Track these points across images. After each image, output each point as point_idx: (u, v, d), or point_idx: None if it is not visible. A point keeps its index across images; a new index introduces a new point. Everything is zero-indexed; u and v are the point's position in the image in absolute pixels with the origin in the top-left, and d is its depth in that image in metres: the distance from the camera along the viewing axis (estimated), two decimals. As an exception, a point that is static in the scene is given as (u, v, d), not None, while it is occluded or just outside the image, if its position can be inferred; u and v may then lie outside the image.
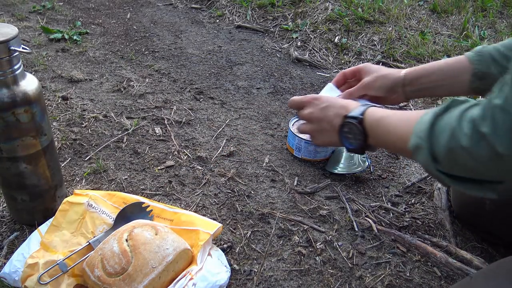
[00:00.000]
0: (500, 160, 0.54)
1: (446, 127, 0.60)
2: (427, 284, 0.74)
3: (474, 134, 0.56)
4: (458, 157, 0.59)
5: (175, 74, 1.41)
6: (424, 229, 0.86)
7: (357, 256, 0.79)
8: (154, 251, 0.64)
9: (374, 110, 0.76)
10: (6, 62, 0.64)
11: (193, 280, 0.64)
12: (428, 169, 0.64)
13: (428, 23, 1.74)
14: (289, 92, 1.34)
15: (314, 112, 0.83)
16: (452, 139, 0.59)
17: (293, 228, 0.84)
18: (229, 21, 1.86)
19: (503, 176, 0.58)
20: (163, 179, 0.94)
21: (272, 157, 1.04)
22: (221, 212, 0.87)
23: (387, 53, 1.55)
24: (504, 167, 0.55)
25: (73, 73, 1.35)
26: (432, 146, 0.62)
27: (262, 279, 0.73)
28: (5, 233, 0.79)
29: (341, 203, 0.91)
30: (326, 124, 0.81)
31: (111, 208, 0.77)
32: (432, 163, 0.63)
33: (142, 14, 1.92)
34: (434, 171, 0.63)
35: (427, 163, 0.63)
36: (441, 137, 0.61)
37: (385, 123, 0.74)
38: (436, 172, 0.63)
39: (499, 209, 0.78)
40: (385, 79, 0.90)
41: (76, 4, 1.99)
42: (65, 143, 1.03)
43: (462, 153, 0.58)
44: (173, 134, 1.10)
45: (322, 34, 1.66)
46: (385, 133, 0.74)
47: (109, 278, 0.63)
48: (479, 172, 0.59)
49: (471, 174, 0.61)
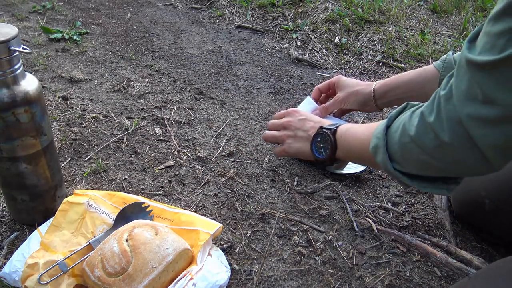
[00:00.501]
0: (444, 148, 0.56)
1: (400, 124, 0.63)
2: (427, 284, 0.74)
3: (421, 124, 0.58)
4: (409, 151, 0.61)
5: (175, 74, 1.41)
6: (424, 229, 0.86)
7: (357, 256, 0.79)
8: (154, 251, 0.64)
9: (345, 124, 0.85)
10: (6, 62, 0.64)
11: (193, 280, 0.64)
12: (387, 169, 0.66)
13: (428, 23, 1.74)
14: (289, 92, 1.34)
15: (292, 121, 0.93)
16: (403, 133, 0.62)
17: (293, 228, 0.84)
18: (229, 21, 1.86)
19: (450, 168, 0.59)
20: (163, 179, 0.94)
21: (272, 157, 1.04)
22: (221, 212, 0.87)
23: (387, 53, 1.55)
24: (448, 157, 0.56)
25: (73, 73, 1.35)
26: (387, 144, 0.65)
27: (262, 279, 0.73)
28: (5, 233, 0.79)
29: (341, 203, 0.91)
30: (302, 132, 0.91)
31: (111, 208, 0.77)
32: (389, 162, 0.65)
33: (142, 14, 1.92)
34: (392, 170, 0.65)
35: (385, 162, 0.65)
36: (395, 134, 0.64)
37: (351, 131, 0.81)
38: (394, 172, 0.65)
39: (499, 209, 0.78)
40: (358, 95, 0.98)
41: (76, 4, 1.99)
42: (65, 143, 1.03)
43: (412, 146, 0.60)
44: (173, 134, 1.10)
45: (322, 34, 1.66)
46: (352, 140, 0.80)
47: (109, 278, 0.63)
48: (430, 166, 0.60)
49: (423, 170, 0.63)
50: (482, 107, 0.50)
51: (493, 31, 0.47)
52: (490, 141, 0.51)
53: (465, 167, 0.57)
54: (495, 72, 0.48)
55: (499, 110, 0.49)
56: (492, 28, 0.48)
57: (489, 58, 0.48)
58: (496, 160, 0.53)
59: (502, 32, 0.46)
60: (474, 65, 0.50)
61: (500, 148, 0.51)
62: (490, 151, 0.52)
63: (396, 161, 0.64)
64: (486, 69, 0.49)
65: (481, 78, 0.50)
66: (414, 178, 0.64)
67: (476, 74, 0.50)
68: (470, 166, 0.55)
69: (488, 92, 0.49)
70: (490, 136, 0.51)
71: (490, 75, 0.49)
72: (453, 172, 0.60)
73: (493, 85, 0.48)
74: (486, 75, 0.49)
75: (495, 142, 0.51)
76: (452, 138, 0.54)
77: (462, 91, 0.52)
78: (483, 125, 0.51)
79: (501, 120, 0.49)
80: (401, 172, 0.65)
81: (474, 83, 0.50)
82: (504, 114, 0.49)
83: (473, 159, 0.54)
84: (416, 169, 0.63)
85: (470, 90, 0.51)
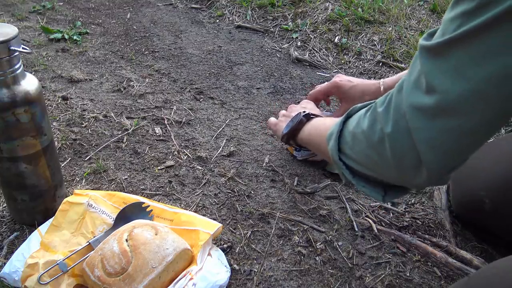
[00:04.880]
0: (386, 142, 0.52)
1: (359, 114, 0.60)
2: (427, 284, 0.74)
3: (371, 114, 0.56)
4: (358, 143, 0.58)
5: (175, 74, 1.41)
6: (424, 229, 0.86)
7: (357, 256, 0.79)
8: (154, 251, 0.64)
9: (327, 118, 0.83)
10: (6, 62, 0.64)
11: (193, 280, 0.64)
12: (333, 158, 0.63)
13: (428, 23, 1.74)
14: (289, 92, 1.34)
15: (296, 106, 0.95)
16: (358, 123, 0.58)
17: (293, 228, 0.84)
18: (229, 21, 1.86)
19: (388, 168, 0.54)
20: (163, 179, 0.94)
21: (272, 157, 1.04)
22: (221, 212, 0.87)
23: (387, 53, 1.55)
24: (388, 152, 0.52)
25: (73, 73, 1.35)
26: (341, 132, 0.62)
27: (262, 279, 0.73)
28: (5, 233, 0.79)
29: (341, 203, 0.91)
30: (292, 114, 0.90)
31: (111, 208, 0.77)
32: (337, 150, 0.62)
33: (142, 14, 1.92)
34: (337, 159, 0.62)
35: (333, 149, 0.62)
36: (351, 123, 0.61)
37: (323, 119, 0.81)
38: (338, 161, 0.62)
39: (499, 209, 0.78)
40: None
41: (76, 4, 1.99)
42: (65, 143, 1.03)
43: (361, 137, 0.57)
44: (173, 134, 1.10)
45: (322, 34, 1.66)
46: (318, 125, 0.79)
47: (109, 278, 0.63)
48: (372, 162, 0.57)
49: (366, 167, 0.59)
50: (424, 97, 0.47)
51: (447, 18, 0.45)
52: (425, 136, 0.47)
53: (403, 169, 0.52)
54: (439, 56, 0.45)
55: (438, 99, 0.45)
56: (447, 16, 0.46)
57: (433, 42, 0.46)
58: (431, 164, 0.49)
59: (454, 18, 0.44)
60: (423, 50, 0.48)
61: (436, 148, 0.48)
62: (425, 149, 0.48)
63: (344, 151, 0.61)
64: (432, 53, 0.46)
65: (426, 63, 0.47)
66: (355, 174, 0.61)
67: (423, 61, 0.48)
68: (407, 166, 0.51)
69: (430, 79, 0.46)
70: (425, 130, 0.47)
71: (435, 59, 0.46)
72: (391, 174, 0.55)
73: (436, 70, 0.46)
74: (431, 60, 0.47)
75: (429, 136, 0.47)
76: (393, 130, 0.50)
77: (411, 80, 0.49)
78: (422, 117, 0.47)
79: (437, 112, 0.46)
80: (346, 165, 0.61)
81: (422, 71, 0.48)
82: (441, 104, 0.45)
83: (410, 158, 0.50)
84: (360, 165, 0.59)
85: (418, 79, 0.48)
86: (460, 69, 0.44)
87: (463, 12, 0.43)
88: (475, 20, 0.41)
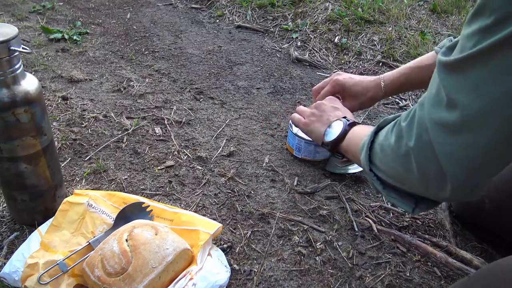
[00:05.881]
0: (410, 156, 0.53)
1: (388, 127, 0.62)
2: (427, 284, 0.74)
3: (397, 131, 0.57)
4: (387, 155, 0.59)
5: (175, 74, 1.41)
6: (424, 229, 0.86)
7: (357, 256, 0.79)
8: (154, 251, 0.64)
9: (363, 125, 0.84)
10: (6, 62, 0.64)
11: (193, 280, 0.64)
12: (364, 168, 0.65)
13: (428, 23, 1.74)
14: (289, 92, 1.34)
15: (326, 105, 0.93)
16: (386, 135, 0.60)
17: (293, 228, 0.84)
18: (229, 21, 1.86)
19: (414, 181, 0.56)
20: (163, 179, 0.94)
21: (272, 157, 1.04)
22: (221, 212, 0.87)
23: (387, 53, 1.55)
24: (413, 166, 0.54)
25: (73, 73, 1.35)
26: (372, 143, 0.64)
27: (262, 279, 0.73)
28: (5, 233, 0.79)
29: (341, 203, 0.91)
30: (326, 118, 0.90)
31: (111, 208, 0.77)
32: (368, 161, 0.64)
33: (142, 14, 1.92)
34: (368, 169, 0.64)
35: (364, 160, 0.65)
36: (381, 135, 0.63)
37: (361, 127, 0.81)
38: (369, 172, 0.64)
39: (499, 209, 0.78)
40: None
41: (76, 4, 1.99)
42: (65, 143, 1.03)
43: (389, 150, 0.58)
44: (173, 134, 1.10)
45: (322, 34, 1.66)
46: (356, 133, 0.80)
47: (109, 278, 0.63)
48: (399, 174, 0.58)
49: (394, 178, 0.61)
50: (445, 112, 0.48)
51: (465, 34, 0.46)
52: (446, 150, 0.48)
53: (428, 182, 0.53)
54: (459, 73, 0.46)
55: (458, 115, 0.46)
56: (465, 31, 0.46)
57: (451, 58, 0.47)
58: (454, 177, 0.49)
59: (471, 34, 0.45)
60: (442, 66, 0.49)
61: (457, 162, 0.48)
62: (447, 162, 0.49)
63: (374, 163, 0.63)
64: (451, 69, 0.48)
65: (446, 79, 0.48)
66: (386, 185, 0.63)
67: (443, 76, 0.49)
68: (432, 180, 0.52)
69: (450, 94, 0.47)
70: (446, 145, 0.48)
71: (454, 75, 0.47)
72: (418, 187, 0.57)
73: (455, 86, 0.47)
74: (450, 76, 0.48)
75: (451, 151, 0.48)
76: (416, 144, 0.52)
77: (432, 95, 0.51)
78: (443, 132, 0.48)
79: (457, 127, 0.47)
80: (376, 176, 0.63)
81: (441, 86, 0.49)
82: (461, 120, 0.46)
83: (434, 171, 0.51)
84: (389, 177, 0.61)
85: (438, 93, 0.49)
86: (480, 85, 0.45)
87: (479, 29, 0.44)
88: (492, 37, 0.42)
